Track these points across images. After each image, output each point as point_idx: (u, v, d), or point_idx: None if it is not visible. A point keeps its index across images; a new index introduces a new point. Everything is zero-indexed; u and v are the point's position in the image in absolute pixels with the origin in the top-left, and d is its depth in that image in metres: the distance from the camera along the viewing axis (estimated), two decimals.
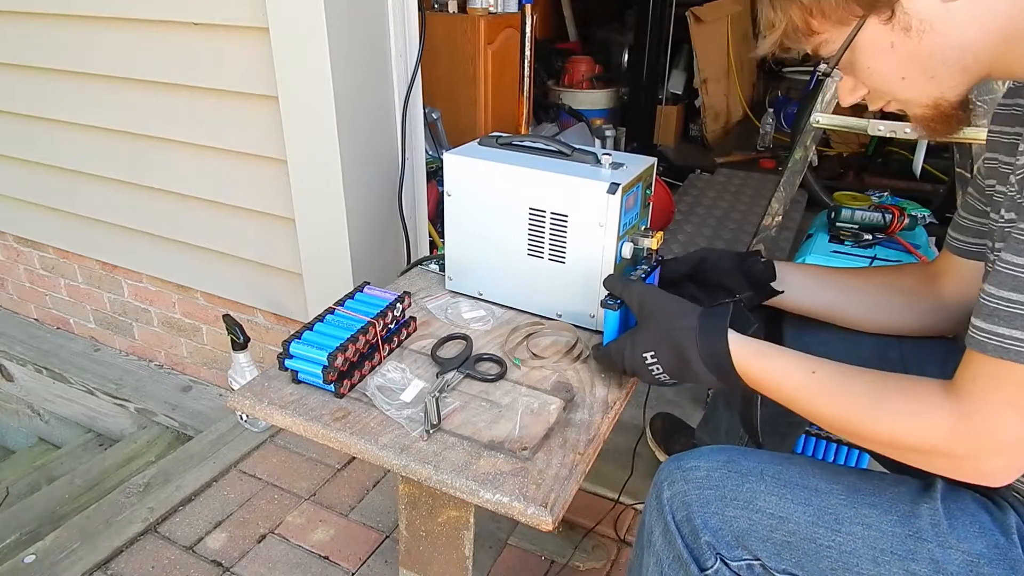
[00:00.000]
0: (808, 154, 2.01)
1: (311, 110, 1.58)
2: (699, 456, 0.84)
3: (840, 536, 0.75)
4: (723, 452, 0.85)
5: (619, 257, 1.11)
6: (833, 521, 0.76)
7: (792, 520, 0.77)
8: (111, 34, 1.83)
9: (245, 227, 1.91)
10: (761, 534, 0.77)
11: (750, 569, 0.79)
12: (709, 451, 0.86)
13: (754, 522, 0.78)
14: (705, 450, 0.86)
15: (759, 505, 0.78)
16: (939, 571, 0.72)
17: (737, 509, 0.78)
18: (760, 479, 0.80)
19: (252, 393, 1.00)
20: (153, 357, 2.47)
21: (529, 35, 2.86)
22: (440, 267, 1.35)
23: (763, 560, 0.78)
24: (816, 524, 0.76)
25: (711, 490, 0.80)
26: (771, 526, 0.77)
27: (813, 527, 0.76)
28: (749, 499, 0.78)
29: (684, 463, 0.84)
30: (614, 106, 4.11)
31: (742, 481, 0.80)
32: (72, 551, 1.52)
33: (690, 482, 0.81)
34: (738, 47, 4.79)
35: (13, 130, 2.23)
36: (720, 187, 3.79)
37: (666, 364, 0.88)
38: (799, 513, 0.77)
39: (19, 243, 2.55)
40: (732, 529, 0.78)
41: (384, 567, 1.48)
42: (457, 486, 0.86)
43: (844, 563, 0.75)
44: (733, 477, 0.80)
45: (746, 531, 0.78)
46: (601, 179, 1.07)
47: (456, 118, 2.74)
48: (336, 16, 1.49)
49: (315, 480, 1.73)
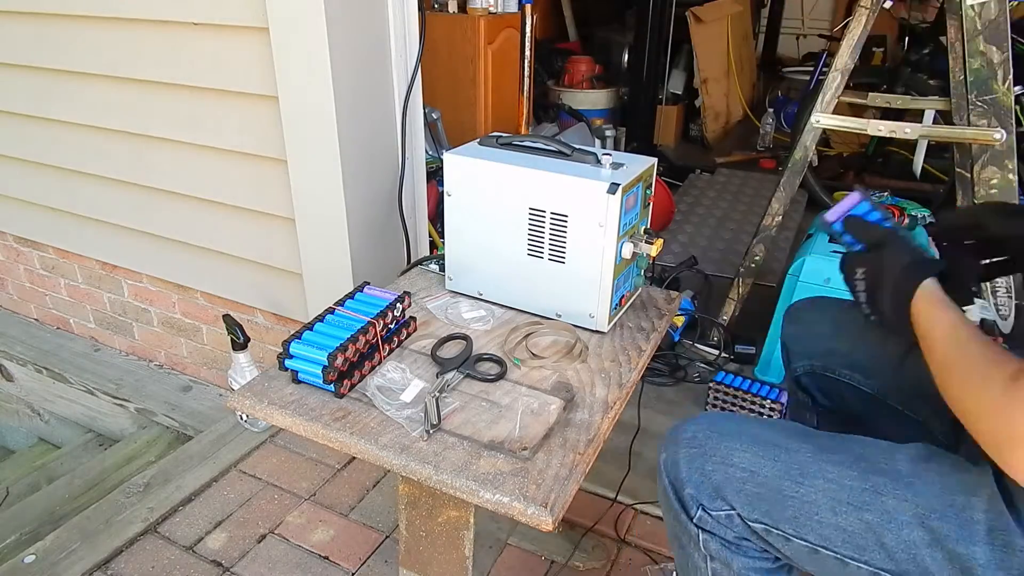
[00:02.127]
0: (808, 154, 2.01)
1: (311, 110, 1.59)
2: (693, 422, 0.93)
3: (803, 488, 0.83)
4: (713, 419, 0.94)
5: (619, 257, 1.11)
6: (798, 475, 0.84)
7: (761, 474, 0.85)
8: (111, 34, 1.83)
9: (245, 227, 1.91)
10: (735, 486, 0.86)
11: (728, 519, 0.87)
12: (703, 417, 0.95)
13: (729, 475, 0.86)
14: (700, 417, 0.95)
15: (734, 461, 0.87)
16: (890, 520, 0.78)
17: (715, 464, 0.87)
18: (737, 438, 0.88)
19: (252, 393, 1.01)
20: (153, 357, 2.47)
21: (529, 35, 2.86)
22: (440, 267, 1.35)
23: (738, 510, 0.86)
24: (782, 477, 0.84)
25: (695, 449, 0.89)
26: (743, 479, 0.86)
27: (780, 479, 0.84)
28: (725, 456, 0.87)
29: (678, 431, 0.93)
30: (614, 106, 4.11)
31: (721, 440, 0.89)
32: (72, 551, 1.52)
33: (679, 443, 0.91)
34: (738, 47, 4.80)
35: (13, 130, 2.23)
36: (720, 187, 3.79)
37: (868, 283, 0.93)
38: (768, 468, 0.85)
39: (19, 243, 2.56)
40: (711, 482, 0.87)
41: (384, 567, 1.48)
42: (457, 486, 0.86)
43: (806, 512, 0.82)
44: (714, 437, 0.89)
45: (722, 483, 0.86)
46: (601, 179, 1.07)
47: (456, 118, 2.74)
48: (336, 16, 1.49)
49: (315, 480, 1.73)
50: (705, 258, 2.83)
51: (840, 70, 1.89)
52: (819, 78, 3.76)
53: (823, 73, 2.49)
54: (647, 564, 1.47)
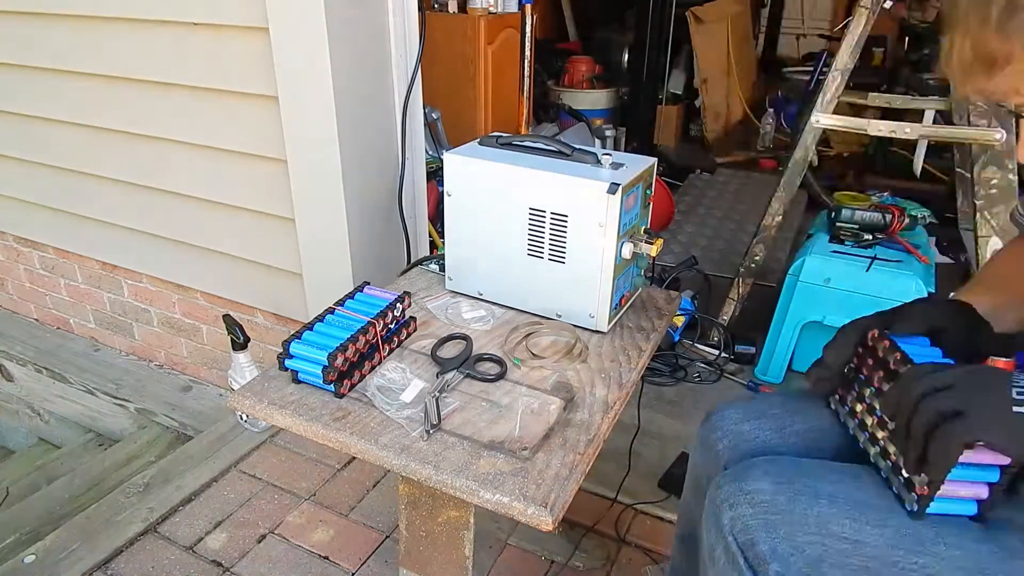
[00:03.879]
0: (808, 154, 2.01)
1: (311, 110, 1.58)
2: (762, 476, 0.79)
3: (922, 557, 0.71)
4: (786, 469, 0.80)
5: (619, 257, 1.11)
6: (913, 542, 0.72)
7: (869, 544, 0.73)
8: (111, 34, 1.83)
9: (245, 227, 1.91)
10: (836, 560, 0.73)
11: None
12: (770, 468, 0.80)
13: (828, 547, 0.73)
14: (766, 466, 0.80)
15: (832, 530, 0.74)
16: None
17: (808, 535, 0.74)
18: (832, 501, 0.75)
19: (252, 393, 1.00)
20: (153, 357, 2.47)
21: (529, 35, 2.87)
22: (440, 267, 1.35)
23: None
24: (895, 547, 0.72)
25: (777, 515, 0.75)
26: (846, 551, 0.73)
27: (892, 549, 0.72)
28: (821, 523, 0.74)
29: (746, 484, 0.78)
30: (614, 106, 4.11)
31: (811, 504, 0.75)
32: (72, 551, 1.52)
33: (755, 506, 0.76)
34: (738, 47, 4.80)
35: (13, 130, 2.23)
36: (720, 187, 3.79)
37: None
38: (875, 536, 0.73)
39: (19, 243, 2.55)
40: (804, 556, 0.73)
41: (384, 567, 1.48)
42: (457, 486, 0.86)
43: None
44: (801, 500, 0.75)
45: (819, 558, 0.73)
46: (601, 179, 1.07)
47: (456, 118, 2.74)
48: (336, 16, 1.49)
49: (315, 480, 1.73)
50: (705, 258, 2.83)
51: (840, 70, 1.89)
52: (819, 78, 3.76)
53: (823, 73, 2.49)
54: (647, 564, 1.47)
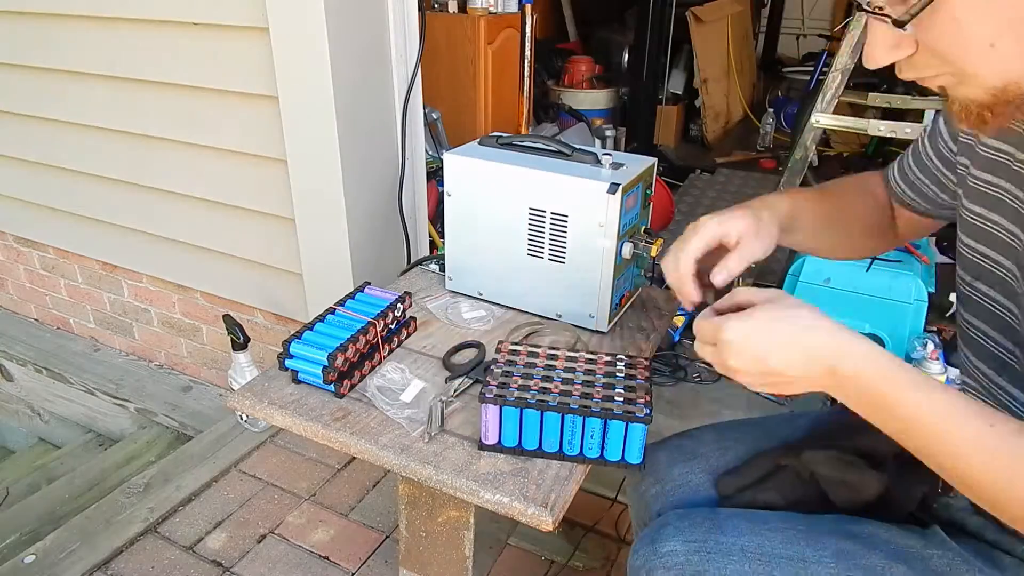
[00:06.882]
0: (808, 154, 2.01)
1: (311, 110, 1.58)
2: (674, 535, 0.79)
3: None
4: (697, 526, 0.79)
5: (619, 257, 1.11)
6: None
7: None
8: (111, 34, 1.83)
9: (245, 227, 1.91)
10: None
11: None
12: (682, 525, 0.80)
13: None
14: (678, 524, 0.80)
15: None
16: None
17: None
18: (743, 557, 0.75)
19: (252, 393, 1.00)
20: (153, 357, 2.47)
21: (529, 35, 2.87)
22: (440, 267, 1.35)
23: None
24: None
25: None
26: None
27: None
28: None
29: (659, 547, 0.78)
30: (614, 106, 4.11)
31: (724, 562, 0.75)
32: (72, 551, 1.52)
33: (670, 569, 0.76)
34: (738, 47, 4.79)
35: (13, 130, 2.23)
36: (720, 187, 3.79)
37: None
38: None
39: (19, 243, 2.55)
40: None
41: (384, 567, 1.48)
42: (457, 486, 0.86)
43: None
44: (714, 559, 0.75)
45: None
46: (601, 179, 1.07)
47: (456, 118, 2.74)
48: (336, 16, 1.49)
49: (315, 480, 1.73)
50: None
51: (840, 70, 1.89)
52: (819, 78, 3.76)
53: (823, 73, 2.49)
54: None
